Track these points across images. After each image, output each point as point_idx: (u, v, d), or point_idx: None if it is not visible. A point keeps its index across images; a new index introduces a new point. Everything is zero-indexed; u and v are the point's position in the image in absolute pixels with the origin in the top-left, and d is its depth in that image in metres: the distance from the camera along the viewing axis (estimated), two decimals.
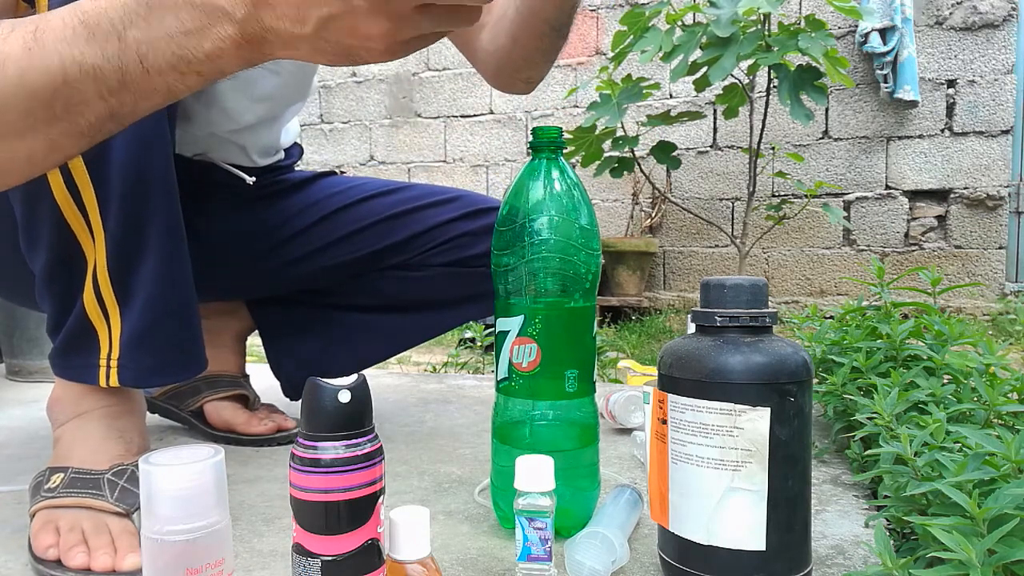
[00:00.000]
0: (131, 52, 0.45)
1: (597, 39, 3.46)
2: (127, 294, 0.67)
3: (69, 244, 0.66)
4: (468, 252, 1.04)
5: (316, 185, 1.09)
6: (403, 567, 0.49)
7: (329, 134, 3.98)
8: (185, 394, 1.08)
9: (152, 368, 0.69)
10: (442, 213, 1.05)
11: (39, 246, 0.67)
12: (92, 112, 0.47)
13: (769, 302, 0.57)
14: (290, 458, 0.46)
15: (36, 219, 0.66)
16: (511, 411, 0.68)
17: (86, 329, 0.68)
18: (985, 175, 2.90)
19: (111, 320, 0.68)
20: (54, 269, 0.67)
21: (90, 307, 0.67)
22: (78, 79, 0.45)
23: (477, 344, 2.08)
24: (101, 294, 0.67)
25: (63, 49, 0.45)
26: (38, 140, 0.46)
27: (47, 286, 0.68)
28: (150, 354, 0.69)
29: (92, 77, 0.45)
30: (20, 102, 0.45)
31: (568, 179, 0.68)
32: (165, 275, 0.68)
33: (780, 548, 0.53)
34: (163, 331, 0.69)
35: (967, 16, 2.88)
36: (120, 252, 0.66)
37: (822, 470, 0.89)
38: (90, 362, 0.69)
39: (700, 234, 3.32)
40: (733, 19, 2.09)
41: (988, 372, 0.85)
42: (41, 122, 0.46)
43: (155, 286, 0.68)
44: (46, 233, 0.65)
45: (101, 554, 0.61)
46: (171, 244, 0.68)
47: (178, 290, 0.70)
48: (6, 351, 1.57)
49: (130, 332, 0.68)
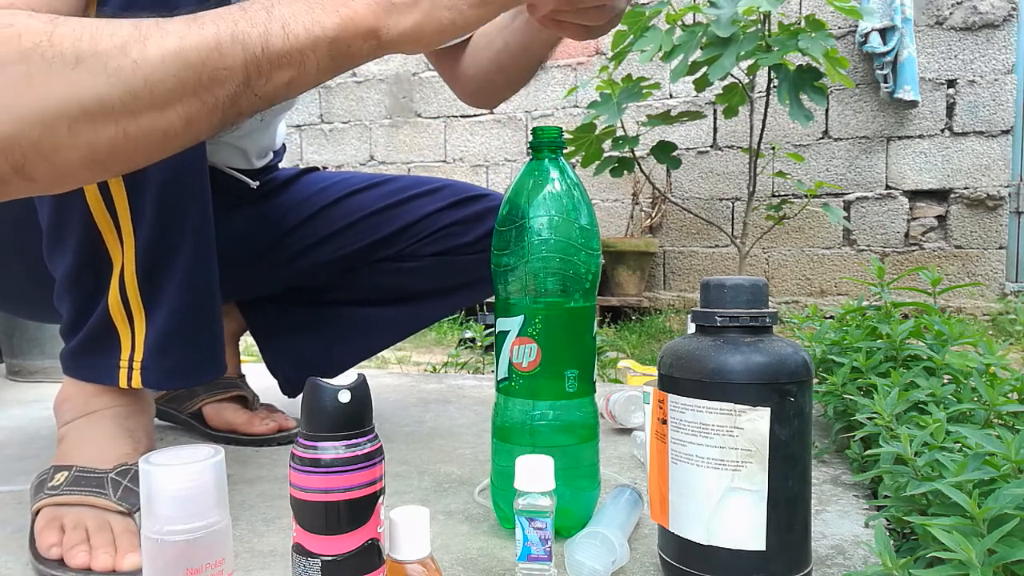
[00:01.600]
0: (276, 20, 0.49)
1: (597, 39, 3.45)
2: (155, 297, 0.68)
3: (96, 248, 0.67)
4: (458, 241, 1.04)
5: (301, 182, 1.09)
6: (403, 567, 0.49)
7: (329, 134, 3.98)
8: (183, 396, 1.08)
9: (174, 370, 0.70)
10: (429, 203, 1.05)
11: (65, 249, 0.68)
12: (232, 81, 0.49)
13: (769, 302, 0.57)
14: (290, 458, 0.46)
15: (65, 223, 0.67)
16: (511, 411, 0.68)
17: (108, 331, 0.69)
18: (985, 175, 2.90)
19: (135, 323, 0.69)
20: (79, 272, 0.68)
21: (115, 309, 0.68)
22: (229, 44, 0.48)
23: (477, 344, 2.08)
24: (127, 297, 0.68)
25: (219, 21, 0.48)
26: (178, 113, 0.47)
27: (69, 288, 0.69)
28: (174, 357, 0.70)
29: (241, 43, 0.48)
30: (176, 70, 0.46)
31: (568, 179, 0.68)
32: (194, 280, 0.69)
33: (780, 548, 0.53)
34: (189, 334, 0.70)
35: (967, 16, 2.88)
36: (151, 256, 0.67)
37: (822, 470, 0.89)
38: (110, 363, 0.69)
39: (700, 234, 3.32)
40: (733, 19, 2.09)
41: (988, 372, 0.85)
42: (188, 92, 0.47)
43: (184, 290, 0.69)
44: (75, 237, 0.66)
45: (102, 553, 0.61)
46: (202, 248, 0.70)
47: (205, 294, 0.72)
48: (6, 351, 1.57)
49: (156, 335, 0.69)
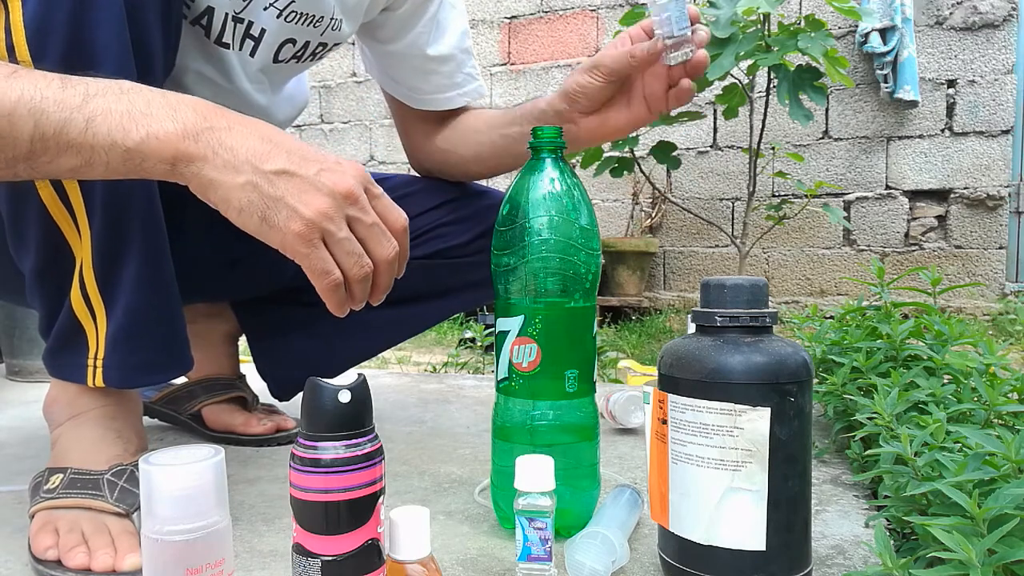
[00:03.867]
0: (85, 111, 0.50)
1: (597, 39, 3.46)
2: (112, 292, 0.67)
3: (57, 242, 0.65)
4: (447, 243, 1.02)
5: None
6: (403, 567, 0.49)
7: (329, 134, 3.98)
8: (182, 399, 1.07)
9: (137, 367, 0.69)
10: (418, 204, 1.02)
11: (28, 245, 0.66)
12: (13, 149, 0.50)
13: (769, 302, 0.57)
14: (290, 458, 0.46)
15: (23, 218, 0.65)
16: (511, 411, 0.68)
17: (75, 328, 0.68)
18: (985, 175, 2.90)
19: (97, 319, 0.67)
20: (43, 268, 0.67)
21: (77, 305, 0.67)
22: (24, 115, 0.49)
23: (477, 344, 2.08)
24: (87, 292, 0.66)
25: (34, 87, 0.49)
26: None
27: (37, 286, 0.68)
28: (135, 353, 0.68)
29: (36, 119, 0.49)
30: None
31: (568, 179, 0.68)
32: (147, 274, 0.67)
33: (780, 548, 0.53)
34: (147, 330, 0.69)
35: (967, 16, 2.88)
36: (104, 250, 0.65)
37: (822, 470, 0.89)
38: (79, 361, 0.68)
39: (700, 234, 3.32)
40: (732, 19, 2.09)
41: (988, 372, 0.85)
42: None
43: (138, 285, 0.67)
44: (34, 232, 0.65)
45: (101, 554, 0.61)
46: (153, 243, 0.68)
47: (161, 289, 0.69)
48: (6, 351, 1.57)
49: (115, 331, 0.67)
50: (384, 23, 0.95)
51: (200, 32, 0.78)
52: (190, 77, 0.80)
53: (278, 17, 0.82)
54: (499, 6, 3.63)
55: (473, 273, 1.03)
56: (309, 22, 0.85)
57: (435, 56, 0.97)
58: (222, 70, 0.83)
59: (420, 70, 0.98)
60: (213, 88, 0.83)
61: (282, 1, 0.81)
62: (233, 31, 0.80)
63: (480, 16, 3.66)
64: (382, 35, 0.97)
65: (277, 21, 0.82)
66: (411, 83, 1.00)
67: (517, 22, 3.61)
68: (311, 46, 0.88)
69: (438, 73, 0.98)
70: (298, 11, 0.83)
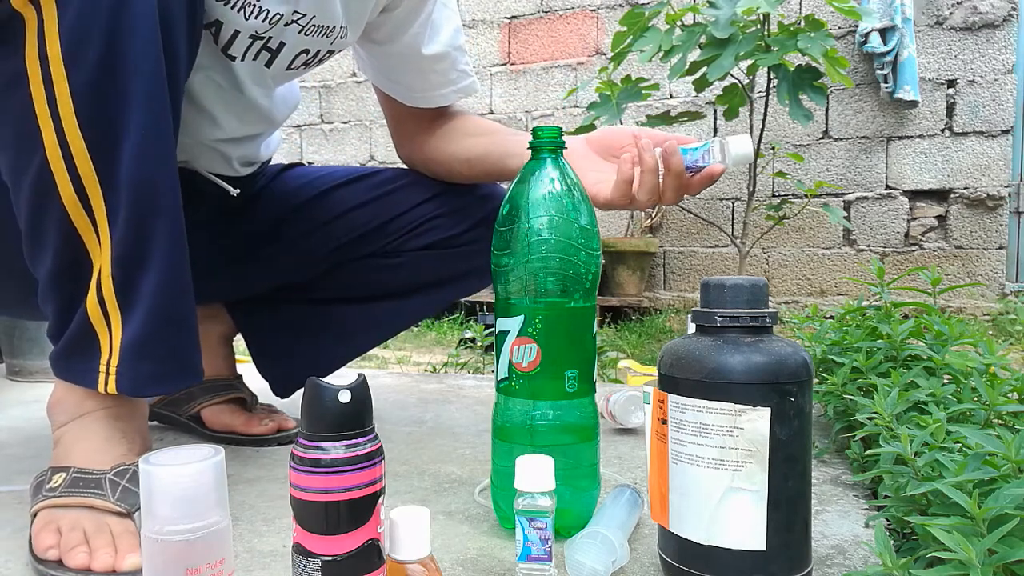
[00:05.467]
0: None
1: (597, 39, 3.46)
2: (130, 301, 0.67)
3: (76, 248, 0.66)
4: (441, 234, 1.03)
5: (283, 178, 1.08)
6: (403, 567, 0.49)
7: (329, 134, 3.98)
8: (181, 400, 1.07)
9: (150, 376, 0.69)
10: (411, 197, 1.04)
11: (45, 250, 0.67)
12: None
13: (769, 302, 0.57)
14: (290, 458, 0.46)
15: (43, 222, 0.65)
16: (511, 411, 0.68)
17: (88, 333, 0.68)
18: (985, 175, 2.90)
19: (112, 326, 0.68)
20: (60, 272, 0.67)
21: (93, 311, 0.67)
22: None
23: (477, 344, 2.08)
24: (104, 299, 0.67)
25: None
26: None
27: (52, 290, 0.68)
28: (148, 362, 0.68)
29: None
30: None
31: (568, 179, 0.68)
32: (167, 284, 0.68)
33: (780, 548, 0.53)
34: (163, 340, 0.69)
35: (967, 16, 2.88)
36: (125, 259, 0.66)
37: (822, 470, 0.89)
38: (91, 366, 0.68)
39: (700, 234, 3.32)
40: (732, 20, 2.09)
41: (988, 372, 0.85)
42: None
43: (157, 294, 0.67)
44: (53, 236, 0.65)
45: (102, 554, 0.61)
46: (174, 253, 0.68)
47: (179, 299, 0.70)
48: (6, 351, 1.57)
49: (130, 339, 0.67)
50: (381, 24, 0.96)
51: (209, 38, 0.78)
52: (198, 79, 0.81)
53: (299, 32, 0.83)
54: (499, 6, 3.63)
55: (467, 262, 1.04)
56: (323, 33, 0.86)
57: (430, 55, 0.97)
58: (227, 76, 0.83)
59: (416, 69, 0.99)
60: (219, 92, 0.84)
61: (305, 18, 0.82)
62: (247, 46, 0.81)
63: (480, 16, 3.66)
64: (378, 36, 0.97)
65: (298, 36, 0.84)
66: (406, 82, 1.01)
67: (517, 22, 3.61)
68: (320, 54, 0.90)
69: (433, 71, 0.99)
70: (317, 24, 0.84)
